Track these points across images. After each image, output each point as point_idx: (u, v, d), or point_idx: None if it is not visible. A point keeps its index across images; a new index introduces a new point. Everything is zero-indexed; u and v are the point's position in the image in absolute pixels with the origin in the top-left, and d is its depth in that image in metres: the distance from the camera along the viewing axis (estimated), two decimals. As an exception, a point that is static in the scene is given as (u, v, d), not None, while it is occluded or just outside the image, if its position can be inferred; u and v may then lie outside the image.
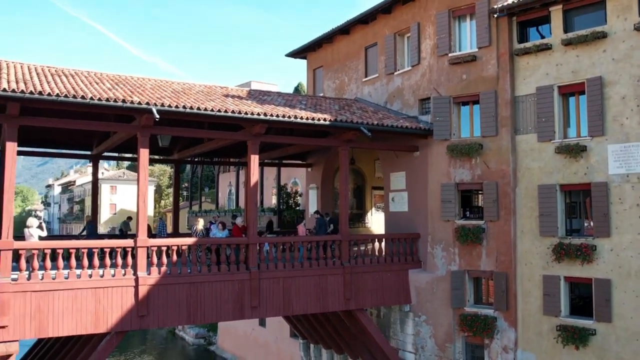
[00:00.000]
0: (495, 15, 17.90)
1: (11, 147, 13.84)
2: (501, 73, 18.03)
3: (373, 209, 26.98)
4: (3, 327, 13.38)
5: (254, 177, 17.36)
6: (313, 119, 17.42)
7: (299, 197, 32.58)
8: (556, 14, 17.08)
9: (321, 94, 25.94)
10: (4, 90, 13.09)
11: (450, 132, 19.07)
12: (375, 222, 26.57)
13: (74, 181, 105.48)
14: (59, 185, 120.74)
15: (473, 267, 18.43)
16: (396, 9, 21.47)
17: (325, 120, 17.59)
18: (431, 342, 18.98)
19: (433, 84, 19.55)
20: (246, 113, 16.24)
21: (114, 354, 37.06)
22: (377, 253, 19.44)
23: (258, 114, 16.45)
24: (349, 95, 24.13)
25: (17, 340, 13.67)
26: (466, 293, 18.54)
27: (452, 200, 18.87)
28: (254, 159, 17.26)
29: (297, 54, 27.71)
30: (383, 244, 19.69)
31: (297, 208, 31.66)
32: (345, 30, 24.12)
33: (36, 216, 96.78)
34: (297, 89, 59.45)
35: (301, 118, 17.21)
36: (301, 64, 29.20)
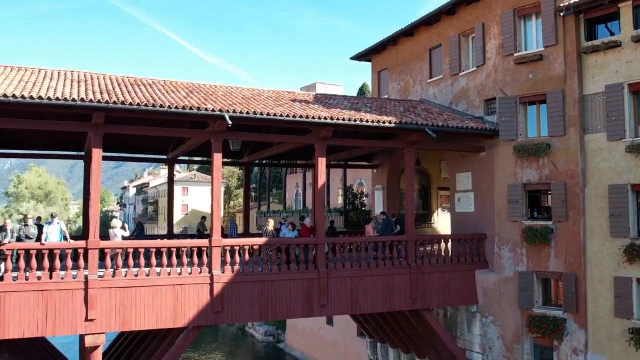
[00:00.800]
0: (562, 14, 17.71)
1: (97, 154, 14.91)
2: (569, 72, 17.83)
3: (439, 209, 27.03)
4: (92, 320, 14.44)
5: (322, 179, 17.88)
6: (379, 121, 17.77)
7: (365, 198, 32.93)
8: (626, 10, 16.76)
9: (386, 96, 26.24)
10: (91, 101, 14.14)
11: (516, 133, 18.98)
12: (442, 222, 26.62)
13: (148, 183, 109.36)
14: (133, 187, 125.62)
15: (541, 268, 18.29)
16: (460, 10, 21.53)
17: (390, 122, 17.90)
18: (499, 343, 18.96)
19: (499, 84, 19.52)
20: (314, 118, 16.77)
21: (189, 350, 38.49)
22: (443, 253, 19.59)
23: (325, 118, 16.94)
24: (414, 96, 24.32)
25: (103, 333, 14.72)
26: (534, 294, 18.41)
27: (520, 201, 18.78)
28: (322, 162, 17.76)
29: (362, 57, 28.09)
30: (450, 244, 19.82)
31: (364, 209, 32.01)
32: (409, 32, 24.32)
33: (114, 217, 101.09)
34: (361, 90, 59.69)
35: (367, 121, 17.60)
36: (366, 64, 29.49)
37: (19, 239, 14.62)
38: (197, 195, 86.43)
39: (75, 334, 14.80)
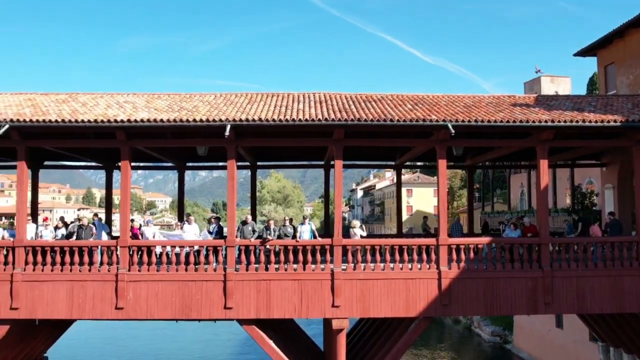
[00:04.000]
0: None
1: (339, 164, 17.47)
2: None
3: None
4: (337, 306, 16.94)
5: (544, 180, 18.31)
6: (602, 121, 17.62)
7: (594, 197, 31.67)
8: None
9: (614, 91, 25.32)
10: (333, 119, 16.64)
11: None
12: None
13: (374, 185, 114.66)
14: (360, 189, 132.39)
15: None
16: (697, -3, 20.22)
17: (615, 121, 17.63)
18: None
19: None
20: (533, 121, 17.31)
21: (420, 346, 40.40)
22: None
23: (545, 121, 17.38)
24: (646, 91, 23.21)
25: (347, 318, 17.15)
26: None
27: None
28: (544, 164, 18.18)
29: (586, 52, 27.41)
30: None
31: (594, 208, 30.83)
32: (636, 23, 23.29)
33: (344, 218, 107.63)
34: (592, 80, 56.60)
35: (589, 121, 17.57)
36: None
37: (279, 237, 17.73)
38: (420, 196, 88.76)
39: (324, 317, 17.42)
